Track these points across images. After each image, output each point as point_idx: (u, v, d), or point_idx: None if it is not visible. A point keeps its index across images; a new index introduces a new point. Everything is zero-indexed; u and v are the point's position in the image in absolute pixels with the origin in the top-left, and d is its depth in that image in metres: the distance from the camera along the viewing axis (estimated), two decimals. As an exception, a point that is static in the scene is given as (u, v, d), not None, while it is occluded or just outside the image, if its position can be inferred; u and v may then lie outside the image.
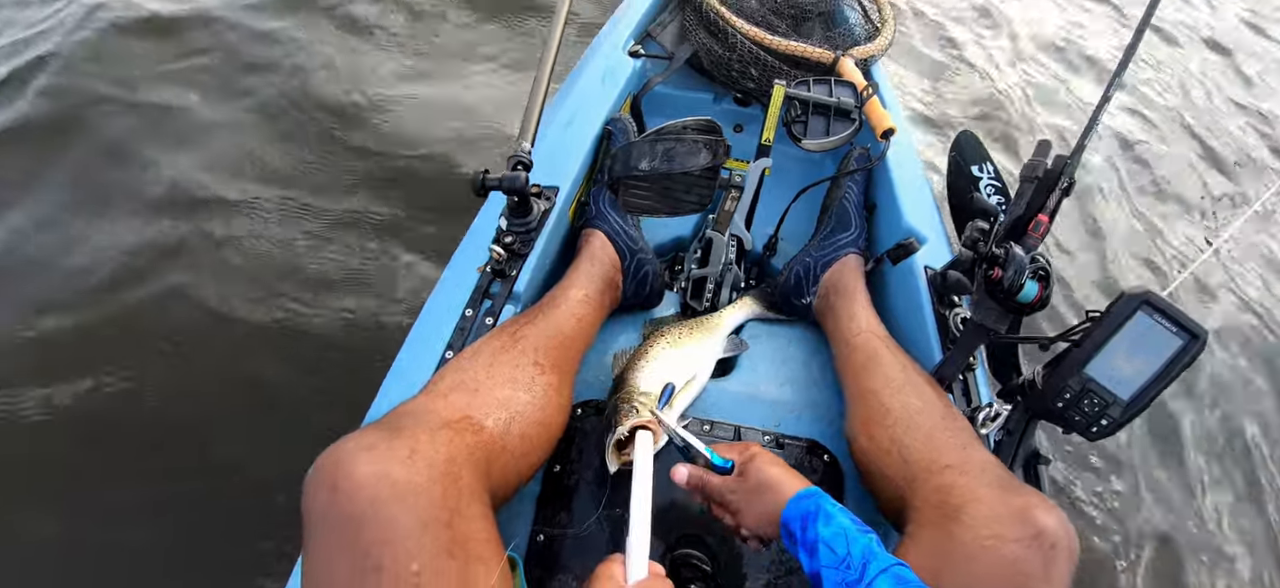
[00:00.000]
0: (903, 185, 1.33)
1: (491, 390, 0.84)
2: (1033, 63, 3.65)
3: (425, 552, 0.59)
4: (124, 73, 2.15)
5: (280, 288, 1.73)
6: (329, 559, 0.59)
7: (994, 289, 0.95)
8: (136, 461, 1.43)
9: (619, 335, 1.23)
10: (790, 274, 1.28)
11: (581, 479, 1.03)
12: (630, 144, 0.95)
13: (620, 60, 1.49)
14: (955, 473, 0.83)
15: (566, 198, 1.20)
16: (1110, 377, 0.87)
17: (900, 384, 1.01)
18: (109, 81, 2.10)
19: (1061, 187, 0.95)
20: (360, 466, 0.61)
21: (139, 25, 2.29)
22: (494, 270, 1.10)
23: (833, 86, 1.25)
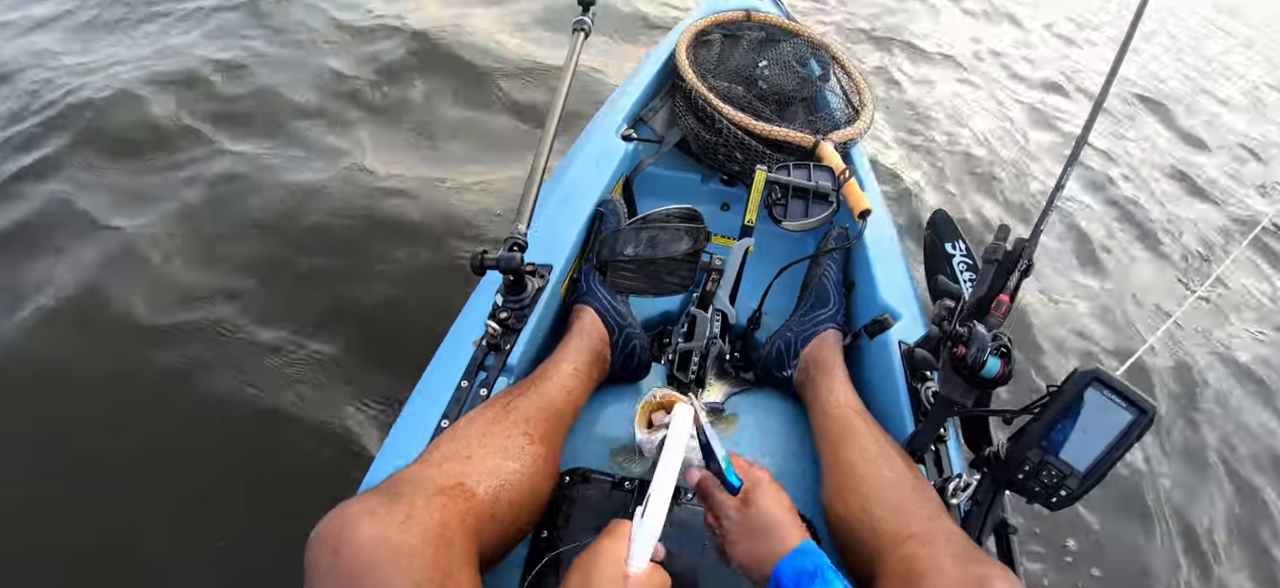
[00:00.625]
0: (879, 263, 1.40)
1: (483, 459, 0.89)
2: (1002, 142, 3.82)
3: None
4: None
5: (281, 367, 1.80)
6: None
7: (959, 366, 1.00)
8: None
9: (607, 406, 1.28)
10: (772, 348, 1.33)
11: (568, 544, 1.06)
12: (617, 231, 1.02)
13: (613, 143, 1.57)
14: (919, 543, 0.87)
15: (559, 275, 1.27)
16: (1067, 450, 0.91)
17: (873, 455, 1.05)
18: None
19: (1021, 268, 1.02)
20: (361, 528, 0.67)
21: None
22: (489, 344, 1.16)
23: (812, 171, 1.33)
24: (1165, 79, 5.20)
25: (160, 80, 2.63)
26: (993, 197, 3.30)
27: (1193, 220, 3.59)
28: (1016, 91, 4.51)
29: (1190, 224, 3.55)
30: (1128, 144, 4.20)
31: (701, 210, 1.74)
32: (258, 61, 2.88)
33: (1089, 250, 3.12)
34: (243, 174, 2.34)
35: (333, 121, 2.65)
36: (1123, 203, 3.53)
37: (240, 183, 2.30)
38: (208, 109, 2.59)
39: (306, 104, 2.70)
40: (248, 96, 2.69)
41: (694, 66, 1.65)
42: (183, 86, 2.64)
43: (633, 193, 1.60)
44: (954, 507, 1.07)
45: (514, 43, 3.32)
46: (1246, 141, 4.82)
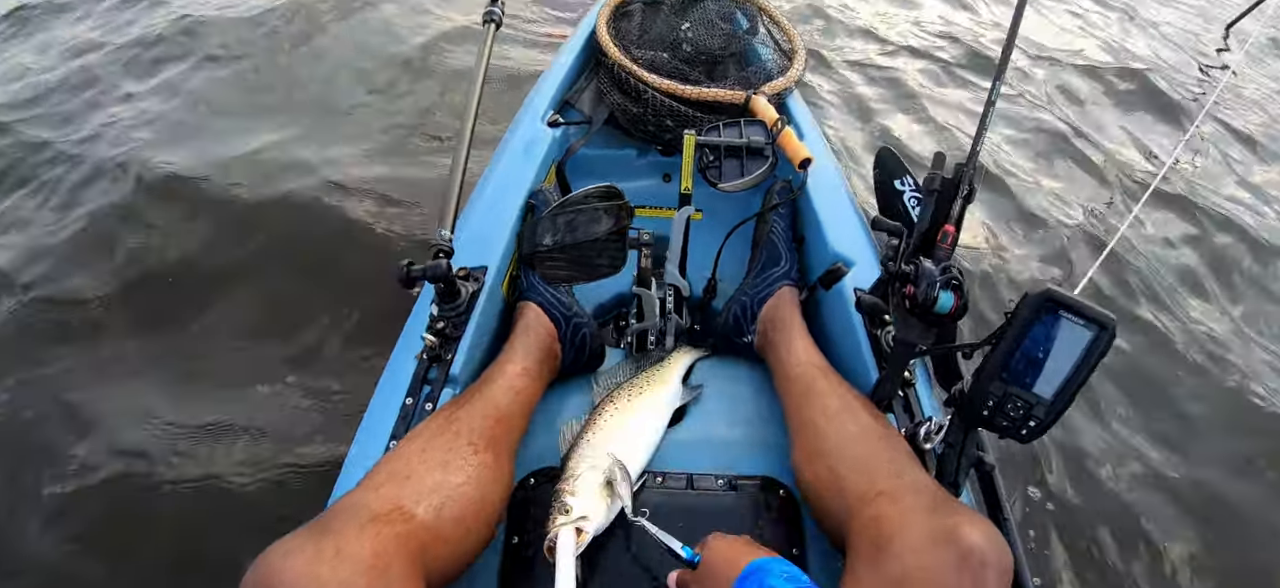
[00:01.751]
0: (826, 212, 1.36)
1: (423, 476, 0.85)
2: (933, 67, 3.78)
3: None
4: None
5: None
6: None
7: (911, 305, 0.96)
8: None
9: (568, 400, 1.23)
10: (728, 315, 1.29)
11: (541, 548, 1.02)
12: (536, 220, 0.97)
13: (540, 131, 1.51)
14: (887, 501, 0.82)
15: (496, 276, 1.22)
16: (1030, 378, 0.87)
17: (836, 411, 1.01)
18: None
19: (962, 194, 0.97)
20: (287, 570, 0.63)
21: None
22: (429, 357, 1.11)
23: (743, 127, 1.28)
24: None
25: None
26: (942, 123, 3.24)
27: (1134, 121, 3.55)
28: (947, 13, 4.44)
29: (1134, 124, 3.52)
30: (1058, 49, 4.15)
31: (643, 185, 1.72)
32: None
33: (1038, 162, 3.07)
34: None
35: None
36: (1056, 113, 3.49)
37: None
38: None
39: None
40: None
41: (615, 40, 1.59)
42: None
43: (566, 178, 1.54)
44: (929, 451, 1.03)
45: (420, 39, 3.22)
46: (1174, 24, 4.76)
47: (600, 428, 1.09)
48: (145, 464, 1.56)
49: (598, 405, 1.15)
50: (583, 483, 0.97)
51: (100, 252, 2.08)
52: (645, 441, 1.10)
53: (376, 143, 2.61)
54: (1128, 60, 4.04)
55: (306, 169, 2.40)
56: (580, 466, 1.01)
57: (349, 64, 3.03)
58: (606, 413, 1.12)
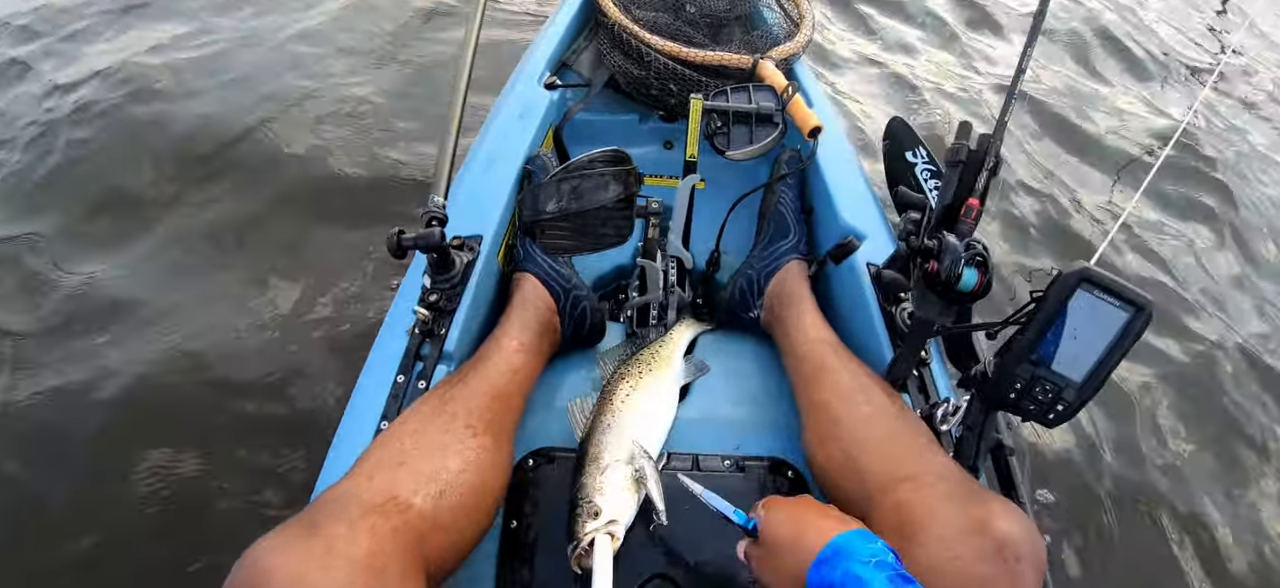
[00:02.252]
0: (837, 183, 1.30)
1: (418, 463, 0.79)
2: (955, 40, 3.67)
3: None
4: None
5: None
6: None
7: (932, 282, 0.91)
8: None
9: (566, 377, 1.18)
10: (734, 289, 1.24)
11: (541, 533, 0.97)
12: (537, 186, 0.90)
13: (537, 94, 1.44)
14: (911, 487, 0.78)
15: (491, 245, 1.16)
16: (1059, 361, 0.83)
17: (850, 391, 0.97)
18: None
19: (987, 167, 0.92)
20: (275, 571, 0.57)
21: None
22: (422, 332, 1.05)
23: (752, 92, 1.22)
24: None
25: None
26: (951, 96, 3.16)
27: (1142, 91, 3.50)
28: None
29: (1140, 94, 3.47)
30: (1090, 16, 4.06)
31: (644, 152, 1.66)
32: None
33: (1062, 135, 3.01)
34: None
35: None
36: (1085, 78, 3.42)
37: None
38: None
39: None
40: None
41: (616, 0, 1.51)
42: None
43: (564, 144, 1.48)
44: (944, 434, 0.99)
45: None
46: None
47: (616, 412, 1.03)
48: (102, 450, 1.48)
49: (608, 386, 1.09)
50: (609, 480, 0.92)
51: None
52: (662, 424, 1.05)
53: (364, 100, 2.51)
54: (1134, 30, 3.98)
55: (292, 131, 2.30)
56: (603, 457, 0.95)
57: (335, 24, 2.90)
58: (620, 395, 1.06)
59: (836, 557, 0.64)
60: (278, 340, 1.70)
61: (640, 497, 0.91)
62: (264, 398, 1.58)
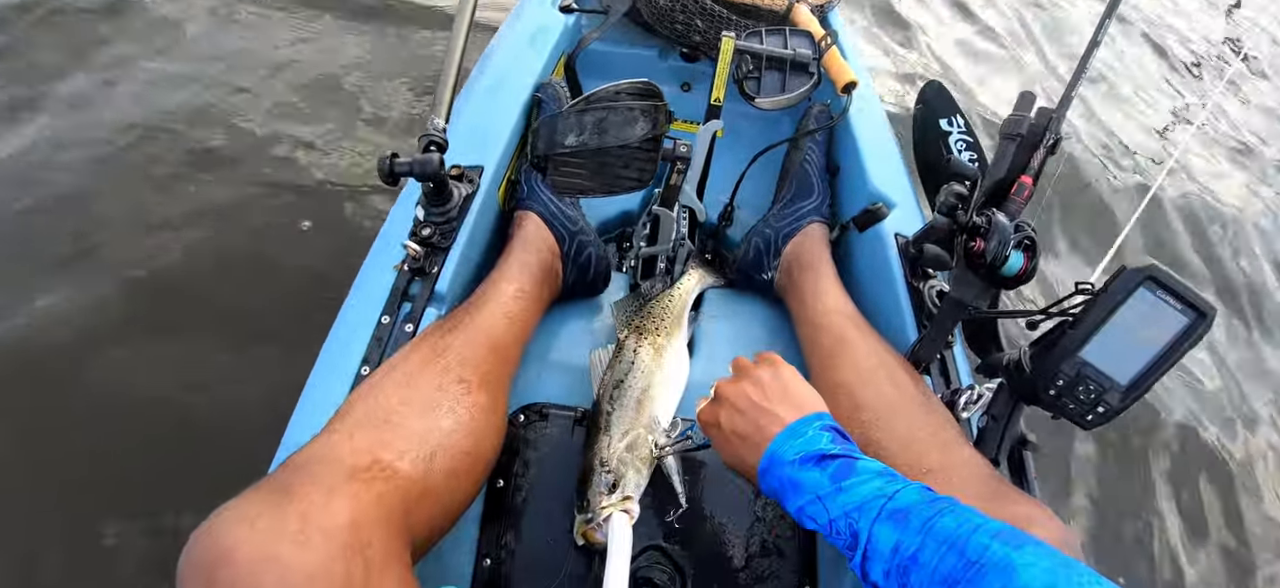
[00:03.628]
0: (867, 144, 1.22)
1: (408, 420, 0.71)
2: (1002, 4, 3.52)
3: None
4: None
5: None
6: None
7: (975, 262, 0.84)
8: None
9: (564, 326, 1.11)
10: (749, 247, 1.16)
11: (530, 494, 0.91)
12: (555, 116, 0.81)
13: (550, 17, 1.34)
14: (938, 480, 0.73)
15: (493, 178, 1.07)
16: (1107, 360, 0.77)
17: (872, 371, 0.90)
18: None
19: (1046, 144, 0.85)
20: (239, 547, 0.49)
21: None
22: (412, 269, 0.96)
23: (788, 37, 1.12)
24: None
25: None
26: (998, 64, 3.01)
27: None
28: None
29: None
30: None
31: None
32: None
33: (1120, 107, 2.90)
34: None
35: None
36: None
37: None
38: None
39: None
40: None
41: (643, -80, 1.39)
42: None
43: (576, 74, 1.38)
44: (964, 422, 0.93)
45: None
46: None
47: (633, 373, 0.96)
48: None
49: (623, 341, 1.02)
50: (627, 450, 0.85)
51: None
52: (678, 386, 0.99)
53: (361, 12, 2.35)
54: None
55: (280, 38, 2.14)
56: (622, 424, 0.89)
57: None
58: (634, 352, 0.99)
59: (771, 466, 0.65)
60: (243, 268, 1.57)
61: (650, 471, 0.85)
62: (223, 336, 1.45)
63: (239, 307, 1.52)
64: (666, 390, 0.96)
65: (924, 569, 0.51)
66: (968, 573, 0.48)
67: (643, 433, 0.87)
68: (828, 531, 0.59)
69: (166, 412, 1.33)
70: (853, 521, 0.57)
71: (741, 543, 0.90)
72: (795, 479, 0.62)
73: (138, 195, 1.68)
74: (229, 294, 1.53)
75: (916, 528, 0.53)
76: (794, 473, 0.63)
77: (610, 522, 0.76)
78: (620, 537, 0.74)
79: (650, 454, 0.85)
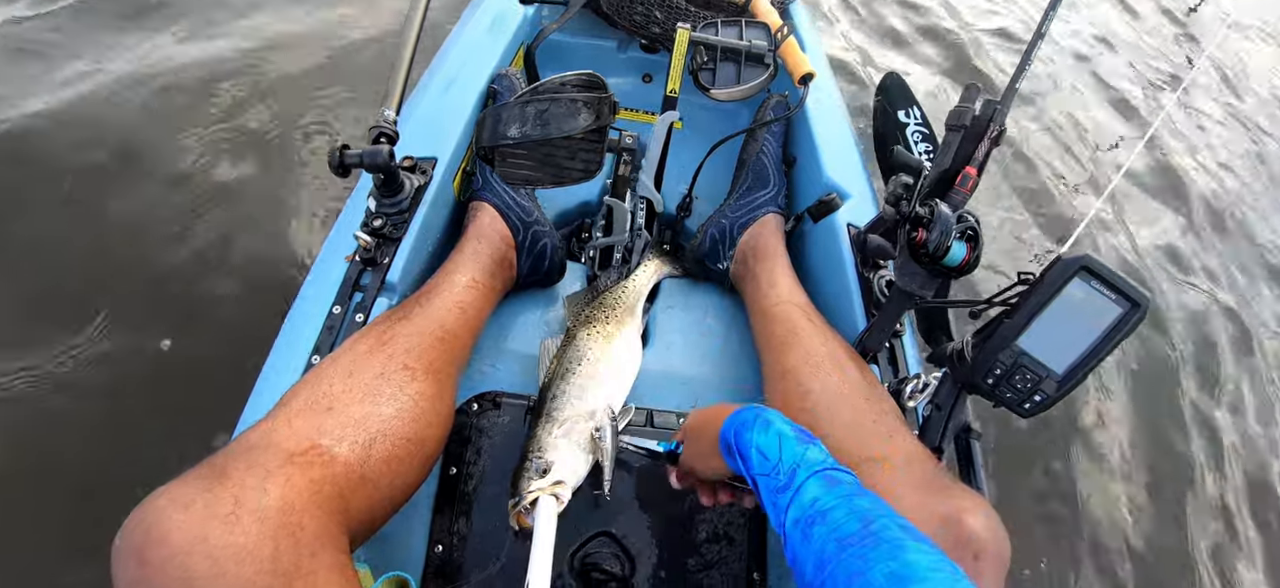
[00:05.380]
0: (824, 136, 1.23)
1: (348, 407, 0.71)
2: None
3: None
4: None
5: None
6: None
7: (918, 252, 0.85)
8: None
9: (517, 318, 1.11)
10: (705, 237, 1.16)
11: (481, 483, 0.91)
12: (499, 107, 0.80)
13: (509, 7, 1.33)
14: (878, 469, 0.74)
15: (447, 170, 1.06)
16: (1043, 350, 0.78)
17: (820, 360, 0.91)
18: None
19: (991, 135, 0.85)
20: (173, 531, 0.50)
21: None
22: (363, 259, 0.96)
23: (744, 28, 1.12)
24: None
25: None
26: (952, 56, 3.04)
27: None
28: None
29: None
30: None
31: (620, 83, 1.55)
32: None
33: (1047, 116, 2.95)
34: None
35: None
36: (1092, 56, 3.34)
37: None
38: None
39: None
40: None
41: (602, -88, 1.39)
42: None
43: (535, 65, 1.37)
44: (910, 410, 0.95)
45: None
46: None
47: (580, 363, 0.96)
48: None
49: (571, 331, 1.02)
50: (564, 437, 0.86)
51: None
52: (627, 377, 0.99)
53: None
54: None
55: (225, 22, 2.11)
56: (563, 411, 0.89)
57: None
58: (584, 343, 0.99)
59: (751, 408, 0.69)
60: (202, 262, 1.54)
61: (593, 459, 0.86)
62: (182, 333, 1.42)
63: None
64: (613, 379, 0.97)
65: (828, 525, 0.54)
66: (863, 540, 0.51)
67: (583, 422, 0.87)
68: (773, 468, 0.62)
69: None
70: (795, 466, 0.60)
71: (691, 531, 0.91)
72: (766, 421, 0.65)
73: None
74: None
75: (839, 495, 0.56)
76: (763, 422, 0.66)
77: (537, 505, 0.77)
78: (546, 519, 0.74)
79: (590, 441, 0.85)
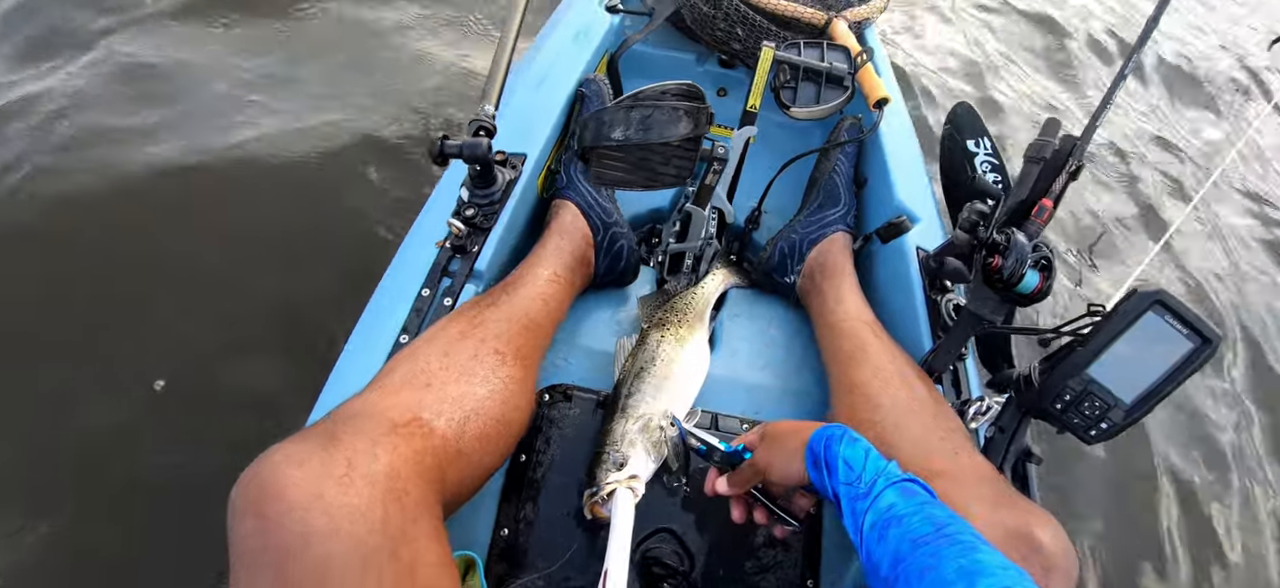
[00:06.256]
0: (895, 160, 1.26)
1: (446, 385, 0.76)
2: (1033, 31, 3.53)
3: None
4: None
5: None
6: None
7: (992, 278, 0.88)
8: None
9: (590, 314, 1.15)
10: (774, 250, 1.20)
11: (549, 471, 0.95)
12: (603, 110, 0.85)
13: (597, 16, 1.38)
14: (947, 483, 0.76)
15: (534, 166, 1.11)
16: (1113, 379, 0.81)
17: (889, 376, 0.94)
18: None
19: (1069, 169, 0.88)
20: (290, 486, 0.53)
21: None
22: (454, 246, 1.01)
23: (825, 51, 1.16)
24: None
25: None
26: (1022, 94, 3.03)
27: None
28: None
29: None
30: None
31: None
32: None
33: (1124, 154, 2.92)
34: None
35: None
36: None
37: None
38: None
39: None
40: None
41: (691, -71, 1.44)
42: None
43: (618, 73, 1.42)
44: (971, 433, 0.97)
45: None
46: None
47: (654, 363, 1.00)
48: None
49: (645, 332, 1.06)
50: (640, 433, 0.90)
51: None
52: (697, 380, 1.03)
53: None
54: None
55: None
56: (638, 408, 0.93)
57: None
58: (657, 344, 1.03)
59: (840, 426, 0.71)
60: (286, 243, 1.64)
61: (662, 457, 0.89)
62: (266, 308, 1.52)
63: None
64: (685, 381, 1.00)
65: (903, 527, 0.58)
66: (937, 539, 0.55)
67: (656, 419, 0.91)
68: (856, 477, 0.65)
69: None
70: (876, 477, 0.64)
71: (749, 533, 0.94)
72: (853, 437, 0.69)
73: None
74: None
75: (915, 504, 0.60)
76: (850, 438, 0.69)
77: (614, 497, 0.81)
78: (623, 511, 0.78)
79: (662, 440, 0.89)
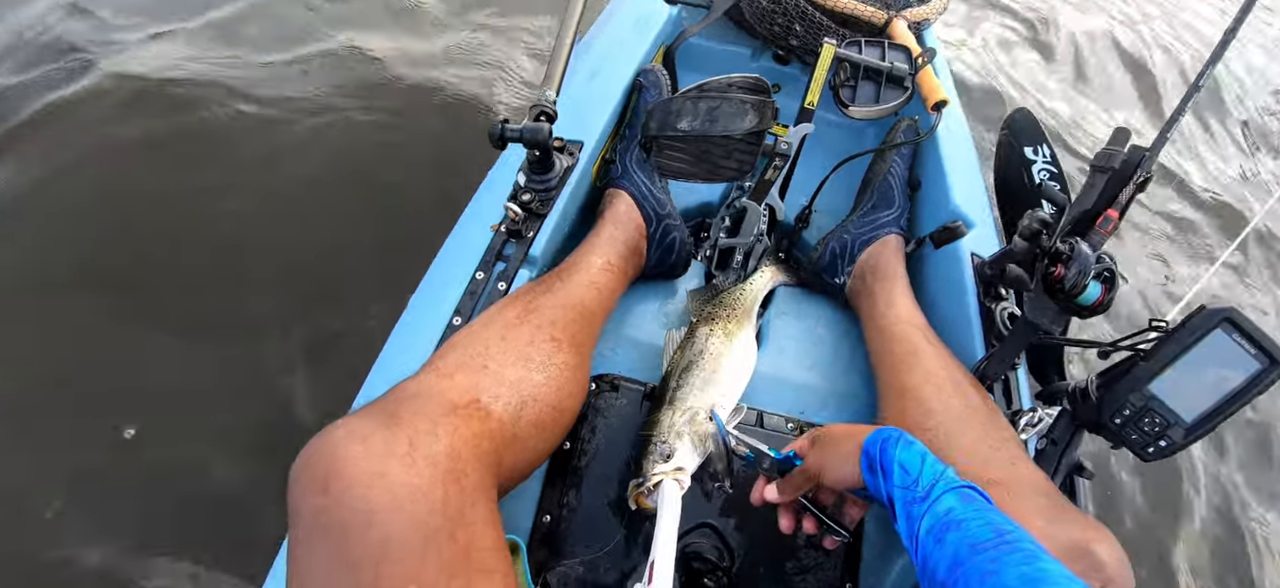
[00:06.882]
0: (952, 163, 1.24)
1: (502, 369, 0.76)
2: (1099, 41, 3.45)
3: (427, 571, 0.52)
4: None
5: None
6: (317, 572, 0.52)
7: (1053, 287, 0.87)
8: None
9: (638, 305, 1.16)
10: (825, 250, 1.20)
11: (594, 460, 0.96)
12: (670, 99, 0.86)
13: (655, 6, 1.38)
14: (1002, 492, 0.76)
15: (591, 154, 1.12)
16: (1175, 396, 0.80)
17: (942, 382, 0.93)
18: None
19: (1136, 181, 0.87)
20: (354, 463, 0.53)
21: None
22: (509, 230, 1.02)
23: (886, 50, 1.15)
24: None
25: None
26: (1086, 99, 2.97)
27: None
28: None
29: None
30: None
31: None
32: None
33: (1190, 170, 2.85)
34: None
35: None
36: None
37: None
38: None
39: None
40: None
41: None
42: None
43: (674, 65, 1.42)
44: (1024, 444, 0.96)
45: None
46: None
47: (702, 356, 1.00)
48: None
49: (695, 325, 1.07)
50: (687, 425, 0.90)
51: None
52: (745, 375, 1.03)
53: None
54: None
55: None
56: (686, 401, 0.93)
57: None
58: (706, 338, 1.03)
59: (896, 429, 0.71)
60: (328, 212, 1.68)
61: (707, 451, 0.89)
62: (311, 274, 1.56)
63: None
64: (733, 376, 1.00)
65: (961, 532, 0.58)
66: (997, 545, 0.55)
67: (703, 413, 0.91)
68: (912, 481, 0.65)
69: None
70: (934, 482, 0.64)
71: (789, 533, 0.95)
72: (909, 441, 0.69)
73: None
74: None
75: (973, 509, 0.60)
76: (907, 441, 0.69)
77: (661, 488, 0.81)
78: (670, 502, 0.78)
79: (707, 434, 0.89)
